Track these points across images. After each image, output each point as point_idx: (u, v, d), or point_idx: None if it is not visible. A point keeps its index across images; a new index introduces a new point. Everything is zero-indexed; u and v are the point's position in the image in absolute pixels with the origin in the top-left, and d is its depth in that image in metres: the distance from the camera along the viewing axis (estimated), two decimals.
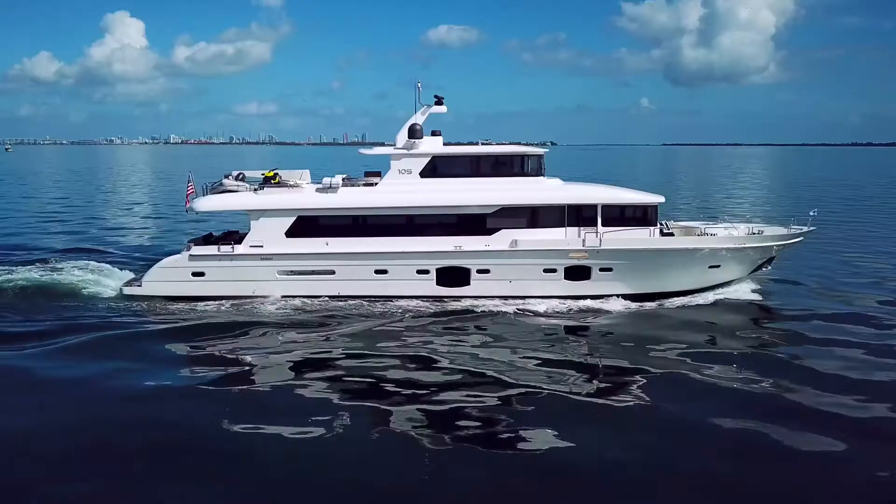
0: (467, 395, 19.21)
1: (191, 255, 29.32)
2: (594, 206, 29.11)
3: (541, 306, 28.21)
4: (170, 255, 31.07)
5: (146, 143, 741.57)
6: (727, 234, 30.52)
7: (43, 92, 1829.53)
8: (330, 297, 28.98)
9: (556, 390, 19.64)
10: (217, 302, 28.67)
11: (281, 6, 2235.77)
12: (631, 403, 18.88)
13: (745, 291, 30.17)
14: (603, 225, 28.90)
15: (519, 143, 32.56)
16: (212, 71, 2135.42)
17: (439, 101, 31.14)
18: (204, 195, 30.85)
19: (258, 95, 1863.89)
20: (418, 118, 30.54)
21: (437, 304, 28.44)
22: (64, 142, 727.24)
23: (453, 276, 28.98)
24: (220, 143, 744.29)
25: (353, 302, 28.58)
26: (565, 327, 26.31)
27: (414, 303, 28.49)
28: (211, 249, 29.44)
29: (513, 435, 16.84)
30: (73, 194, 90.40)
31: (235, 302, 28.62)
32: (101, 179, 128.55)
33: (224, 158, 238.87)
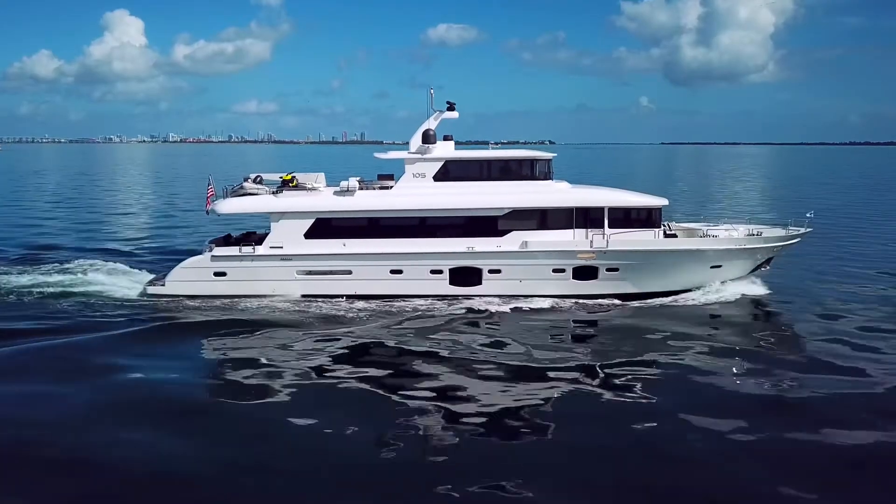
0: (473, 392, 20.18)
1: (213, 256, 30.42)
2: (601, 209, 30.29)
3: (549, 305, 29.39)
4: (192, 254, 32.20)
5: (144, 141, 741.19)
6: (728, 235, 31.70)
7: (42, 90, 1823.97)
8: (347, 296, 30.12)
9: (560, 387, 20.62)
10: (238, 301, 29.77)
11: (280, 5, 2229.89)
12: (633, 400, 19.67)
13: (744, 290, 31.24)
14: (609, 227, 30.07)
15: (517, 143, 33.76)
16: (211, 69, 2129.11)
17: (451, 108, 32.35)
18: (224, 198, 31.94)
19: (258, 94, 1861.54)
20: (431, 123, 31.69)
21: (450, 302, 29.57)
22: (62, 140, 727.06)
23: (466, 275, 30.13)
24: (219, 142, 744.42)
25: (370, 301, 29.71)
26: (573, 325, 27.48)
27: (428, 302, 29.62)
28: (232, 250, 30.55)
29: (516, 431, 17.60)
30: (66, 193, 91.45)
31: (256, 301, 29.71)
32: (79, 180, 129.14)
33: (224, 157, 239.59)
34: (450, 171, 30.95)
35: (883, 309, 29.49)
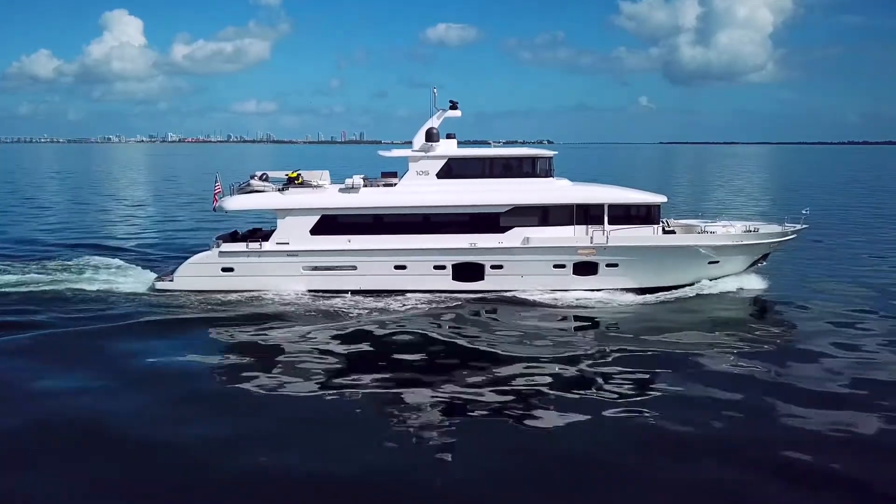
0: (474, 385, 20.45)
1: (220, 252, 31.01)
2: (601, 206, 30.90)
3: (550, 300, 29.96)
4: (197, 251, 32.75)
5: (143, 141, 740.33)
6: (725, 231, 32.31)
7: (42, 90, 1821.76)
8: (352, 291, 30.72)
9: (560, 380, 20.98)
10: (245, 296, 30.35)
11: (279, 5, 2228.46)
12: (631, 394, 19.96)
13: (741, 285, 31.86)
14: (609, 223, 30.66)
15: (516, 142, 34.29)
16: (210, 69, 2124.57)
17: (454, 106, 32.94)
18: (231, 195, 32.52)
19: (257, 94, 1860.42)
20: (434, 122, 32.29)
21: (453, 297, 30.13)
22: (61, 140, 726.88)
23: (468, 271, 30.74)
24: (218, 142, 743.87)
25: (374, 296, 30.29)
26: (573, 320, 28.05)
27: (431, 297, 30.19)
28: (239, 246, 31.16)
29: (517, 425, 17.84)
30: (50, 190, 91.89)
31: (262, 296, 30.32)
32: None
33: (223, 157, 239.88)
34: (453, 169, 31.55)
35: (877, 304, 30.05)
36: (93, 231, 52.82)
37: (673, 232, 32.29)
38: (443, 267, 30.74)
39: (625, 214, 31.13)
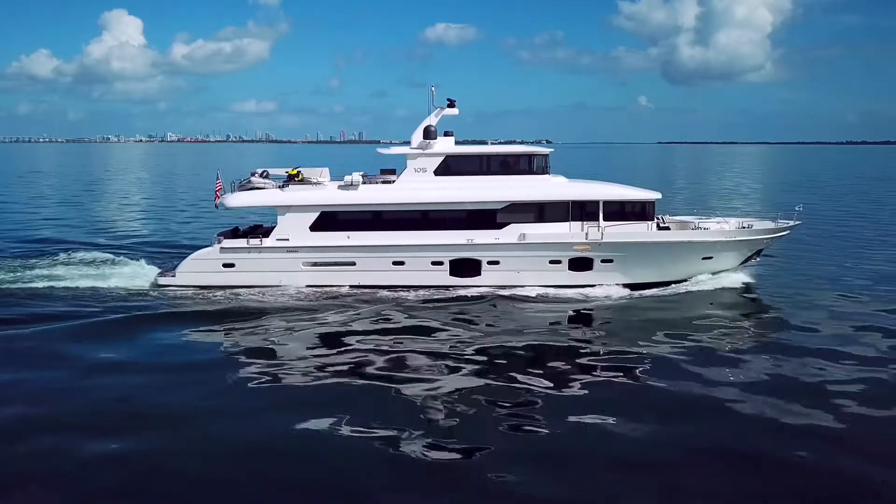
0: (470, 382, 20.71)
1: (222, 248, 31.47)
2: (596, 203, 31.36)
3: (546, 295, 30.43)
4: (199, 248, 33.23)
5: (142, 140, 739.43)
6: (719, 228, 32.77)
7: (41, 90, 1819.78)
8: (351, 286, 31.17)
9: (554, 376, 21.18)
10: (246, 291, 30.78)
11: (278, 5, 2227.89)
12: (627, 389, 20.27)
13: (735, 281, 32.32)
14: (604, 220, 31.15)
15: (514, 142, 34.70)
16: (210, 69, 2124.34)
17: (452, 104, 33.40)
18: (232, 192, 32.98)
19: (256, 93, 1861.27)
20: (432, 120, 32.75)
21: (450, 293, 30.59)
22: (60, 140, 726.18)
23: (465, 267, 31.19)
24: (217, 141, 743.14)
25: (372, 291, 30.74)
26: (568, 315, 28.46)
27: (429, 292, 30.65)
28: (240, 242, 31.62)
29: (514, 420, 18.08)
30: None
31: (263, 291, 30.72)
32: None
33: (223, 156, 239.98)
34: (450, 166, 32.00)
35: (870, 298, 30.46)
36: (95, 228, 53.26)
37: (667, 228, 32.73)
38: (440, 263, 31.18)
39: (620, 211, 31.61)
